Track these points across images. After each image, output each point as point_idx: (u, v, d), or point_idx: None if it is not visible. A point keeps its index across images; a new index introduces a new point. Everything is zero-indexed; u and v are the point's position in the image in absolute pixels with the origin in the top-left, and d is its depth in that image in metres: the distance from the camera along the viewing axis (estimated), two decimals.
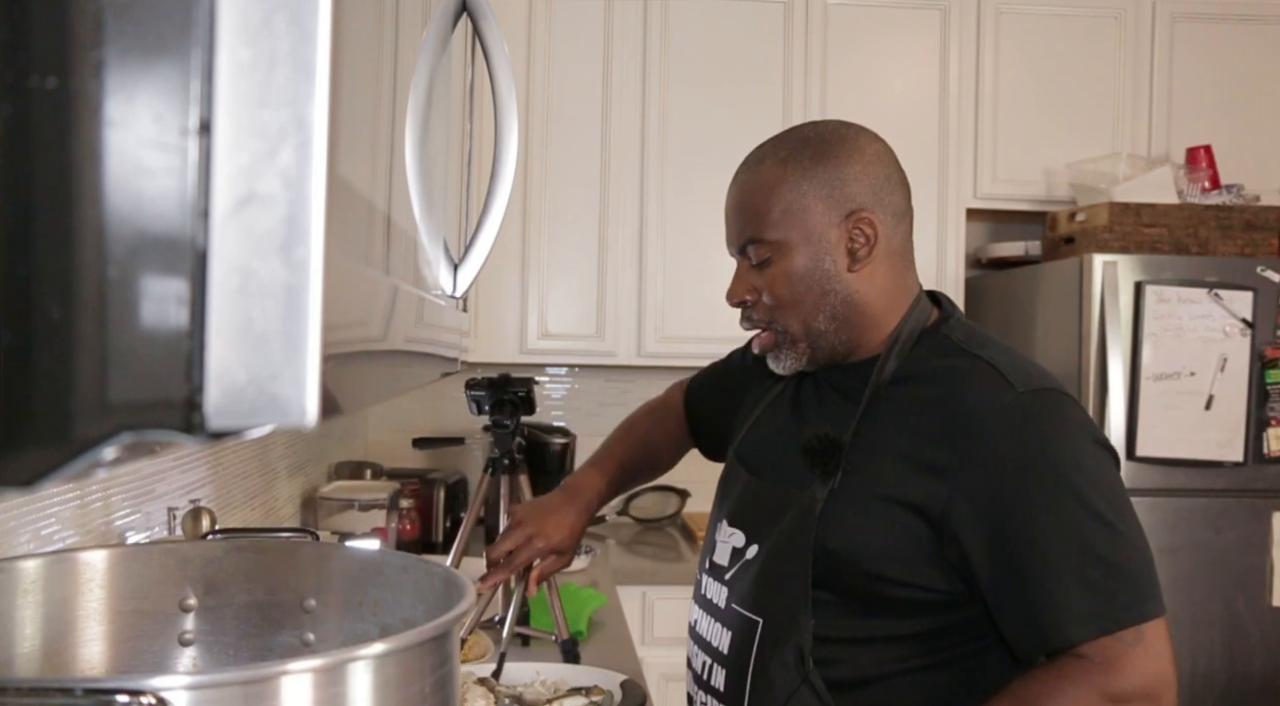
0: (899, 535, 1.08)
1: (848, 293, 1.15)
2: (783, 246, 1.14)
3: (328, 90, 0.29)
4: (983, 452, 1.05)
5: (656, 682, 2.50)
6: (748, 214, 1.17)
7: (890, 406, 1.13)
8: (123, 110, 0.26)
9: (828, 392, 1.22)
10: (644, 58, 2.99)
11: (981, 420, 1.06)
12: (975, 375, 1.10)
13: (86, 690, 0.52)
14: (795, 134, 1.19)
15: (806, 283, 1.15)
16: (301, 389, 0.29)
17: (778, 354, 1.20)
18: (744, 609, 1.17)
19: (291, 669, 0.60)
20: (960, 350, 1.14)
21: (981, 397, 1.07)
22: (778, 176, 1.14)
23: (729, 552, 1.22)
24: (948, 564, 1.08)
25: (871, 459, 1.11)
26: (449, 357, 0.73)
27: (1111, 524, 1.03)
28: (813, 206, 1.13)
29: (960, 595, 1.09)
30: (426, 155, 0.59)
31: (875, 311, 1.16)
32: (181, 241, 0.27)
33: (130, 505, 1.51)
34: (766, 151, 1.18)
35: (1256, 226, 2.74)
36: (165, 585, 0.87)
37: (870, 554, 1.09)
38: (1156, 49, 3.07)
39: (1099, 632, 1.01)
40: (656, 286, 2.98)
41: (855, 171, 1.14)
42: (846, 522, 1.11)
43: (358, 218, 0.39)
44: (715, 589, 1.23)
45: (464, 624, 1.28)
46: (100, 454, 0.26)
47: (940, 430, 1.08)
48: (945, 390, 1.10)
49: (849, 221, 1.13)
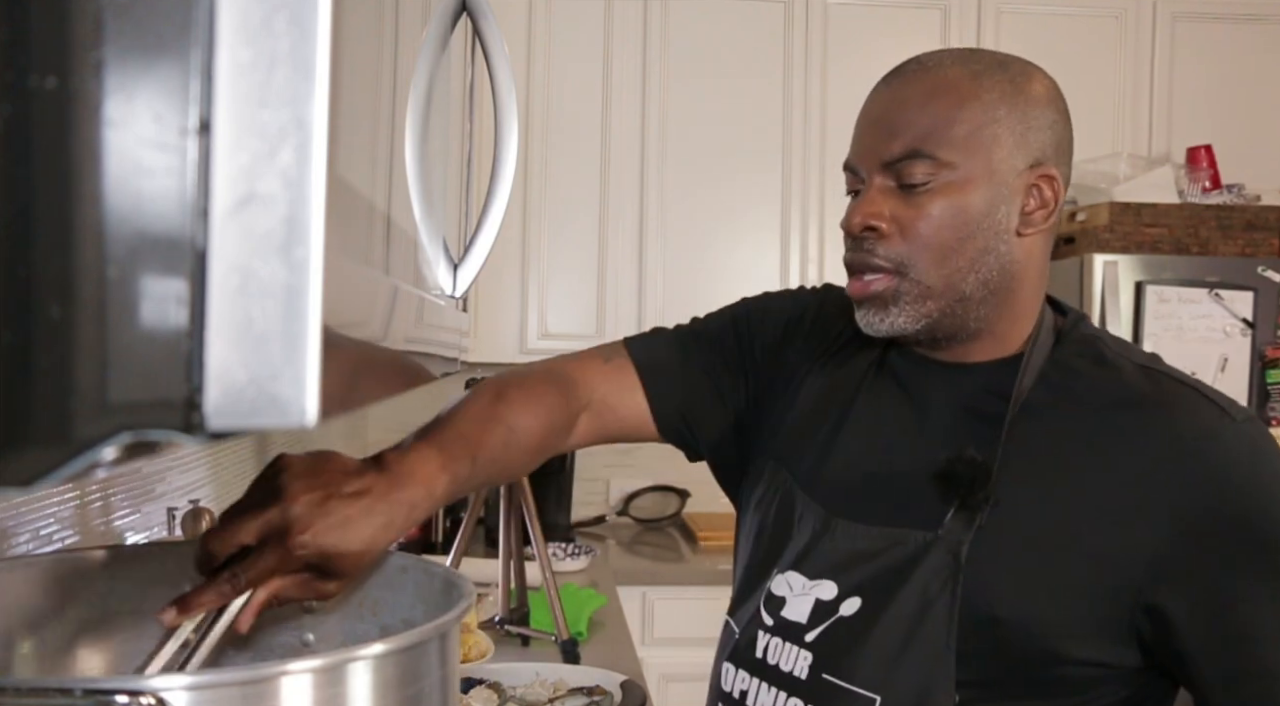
0: (1081, 600, 0.84)
1: (1009, 259, 0.90)
2: (958, 174, 0.88)
3: (328, 90, 0.29)
4: (1209, 499, 0.83)
5: (656, 683, 2.50)
6: (919, 119, 0.89)
7: (1044, 426, 0.89)
8: (122, 110, 0.26)
9: (932, 407, 0.95)
10: (644, 58, 2.99)
11: (1205, 458, 0.83)
12: (1178, 397, 0.87)
13: (86, 690, 0.52)
14: (984, 54, 0.93)
15: (971, 228, 0.89)
16: (301, 389, 0.29)
17: (886, 308, 0.92)
18: (848, 682, 0.88)
19: (291, 669, 0.60)
20: (1128, 361, 0.91)
21: (1200, 429, 0.84)
22: (970, 90, 0.89)
23: (810, 606, 0.93)
24: (1136, 634, 0.85)
25: (1028, 494, 0.87)
26: (449, 358, 0.73)
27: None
28: (1004, 139, 0.89)
29: (1141, 669, 0.87)
30: (426, 155, 0.59)
31: (1025, 293, 0.93)
32: (181, 241, 0.27)
33: (130, 505, 1.51)
34: (946, 59, 0.92)
35: (1257, 226, 2.74)
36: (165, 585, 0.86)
37: (1046, 625, 0.85)
38: (1157, 49, 3.07)
39: None
40: (656, 286, 2.99)
41: (1050, 118, 0.91)
42: (1007, 579, 0.86)
43: (358, 218, 0.39)
44: (786, 653, 0.93)
45: None
46: (100, 454, 0.26)
47: (1142, 463, 0.84)
48: (1137, 412, 0.87)
49: (1033, 173, 0.90)
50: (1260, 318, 2.56)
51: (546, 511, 2.88)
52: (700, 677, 1.16)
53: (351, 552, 0.76)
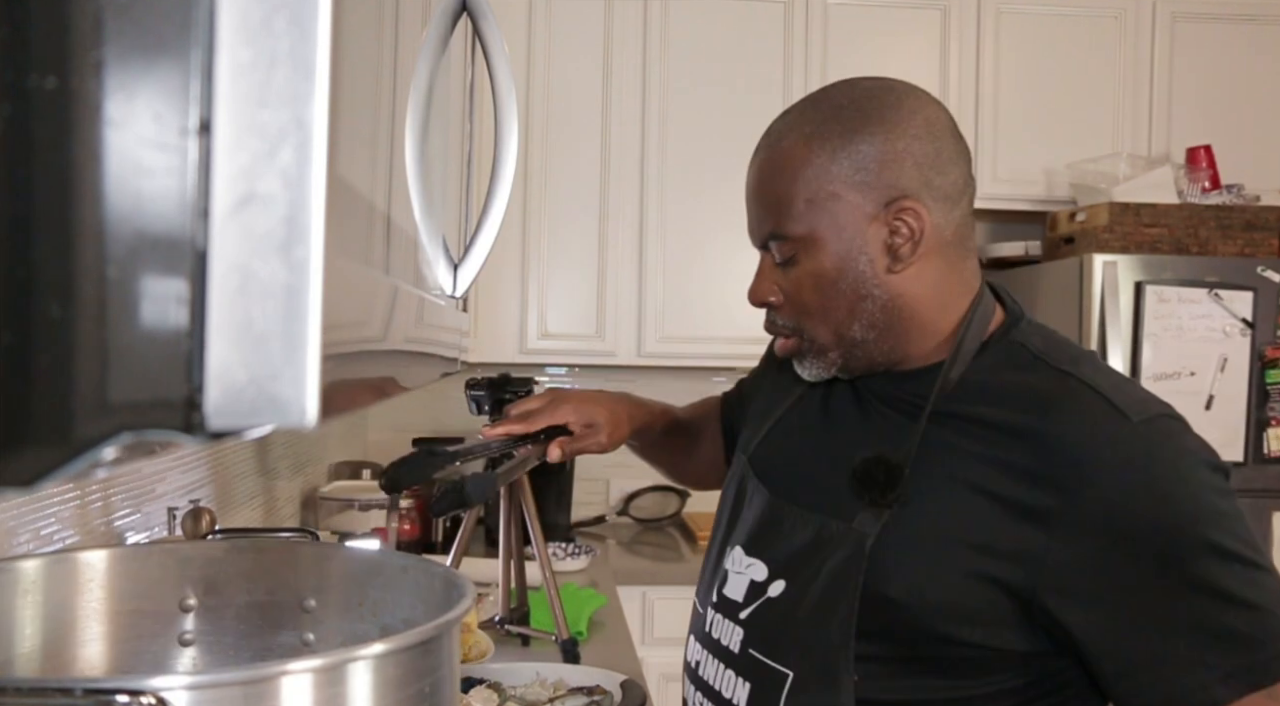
0: (970, 588, 0.90)
1: (888, 297, 0.96)
2: (809, 243, 0.95)
3: (328, 90, 0.29)
4: (1095, 498, 0.86)
5: (656, 682, 2.50)
6: (768, 203, 0.98)
7: (956, 426, 0.94)
8: (122, 110, 0.26)
9: (872, 404, 1.03)
10: (644, 58, 2.99)
11: (1091, 459, 0.87)
12: (1073, 399, 0.90)
13: (86, 690, 0.52)
14: (825, 102, 0.97)
15: (838, 287, 0.96)
16: (301, 389, 0.29)
17: (804, 361, 1.03)
18: (767, 657, 0.97)
19: (291, 669, 0.60)
20: (1045, 364, 0.95)
21: (1088, 430, 0.88)
22: (802, 157, 0.94)
23: (745, 586, 1.02)
24: (1033, 623, 0.89)
25: (936, 490, 0.93)
26: (449, 358, 0.73)
27: (1252, 562, 0.86)
28: (844, 195, 0.94)
29: (1042, 651, 0.91)
30: (426, 155, 0.59)
31: (926, 314, 0.97)
32: (181, 241, 0.27)
33: (130, 505, 1.51)
34: (791, 122, 0.98)
35: (1257, 226, 2.74)
36: (165, 585, 0.87)
37: (937, 608, 0.90)
38: (1157, 49, 3.07)
39: (1248, 688, 0.83)
40: (656, 286, 2.98)
41: (897, 149, 0.93)
42: (907, 567, 0.92)
43: (358, 218, 0.39)
44: (726, 628, 1.03)
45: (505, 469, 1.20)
46: (100, 454, 0.26)
47: (1034, 465, 0.88)
48: (1034, 414, 0.90)
49: (889, 212, 0.94)
50: (1260, 318, 2.56)
51: (546, 511, 2.88)
52: None
53: (599, 418, 1.27)
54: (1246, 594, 0.85)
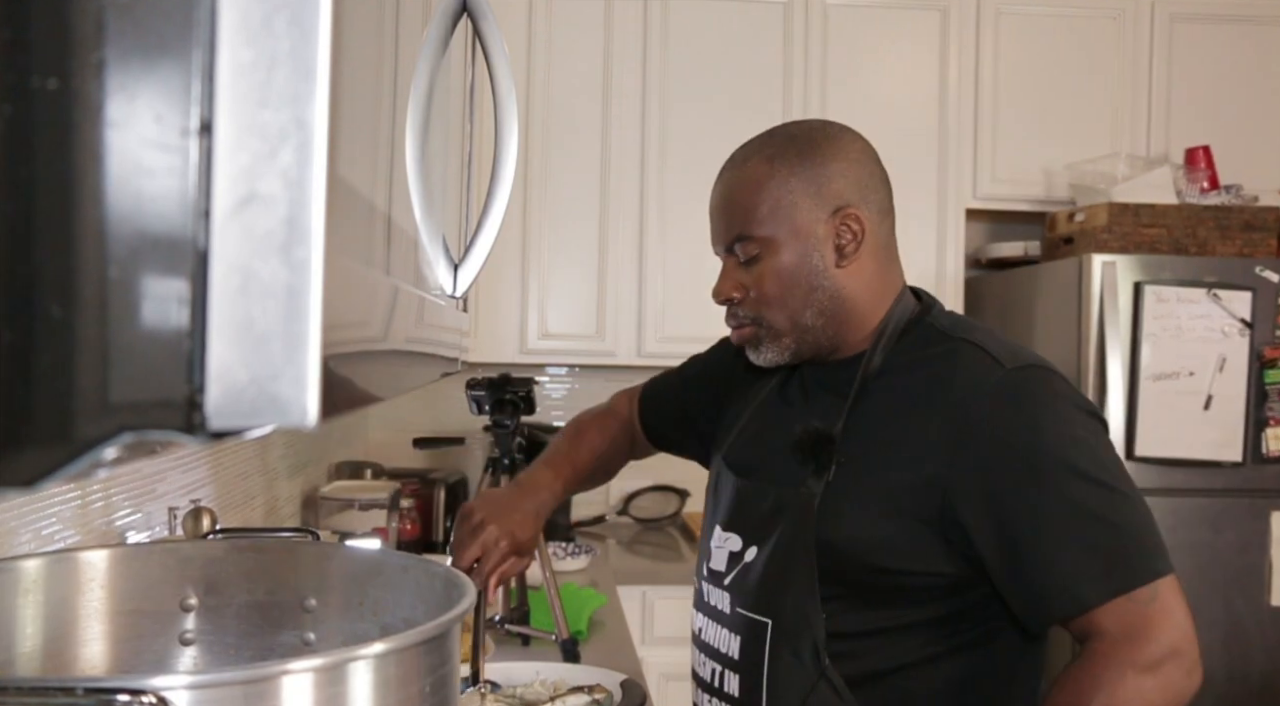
0: (899, 524, 1.08)
1: (835, 288, 1.16)
2: (770, 243, 1.15)
3: (328, 91, 0.29)
4: (975, 432, 1.06)
5: (656, 682, 2.50)
6: (735, 211, 1.18)
7: (879, 398, 1.14)
8: (124, 111, 0.26)
9: (815, 391, 1.22)
10: (644, 58, 2.99)
11: (971, 399, 1.07)
12: (961, 357, 1.11)
13: (87, 689, 0.52)
14: (780, 133, 1.19)
15: (795, 278, 1.15)
16: (302, 389, 0.29)
17: (758, 347, 1.20)
18: (750, 612, 1.16)
19: (292, 668, 0.60)
20: (945, 336, 1.15)
21: (969, 378, 1.08)
22: (765, 173, 1.15)
23: (726, 557, 1.21)
24: (951, 547, 1.08)
25: (864, 450, 1.12)
26: (449, 358, 0.73)
27: (1110, 486, 1.04)
28: (800, 203, 1.14)
29: (967, 578, 1.09)
30: (426, 155, 0.59)
31: (861, 307, 1.17)
32: (182, 241, 0.27)
33: (131, 505, 1.51)
34: (752, 150, 1.19)
35: (1255, 227, 2.74)
36: (166, 585, 0.87)
37: (872, 545, 1.09)
38: (1155, 49, 3.07)
39: (1112, 593, 1.01)
40: (656, 286, 2.98)
41: (840, 168, 1.15)
42: (846, 516, 1.11)
43: (358, 218, 0.40)
44: (718, 595, 1.22)
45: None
46: (101, 454, 0.26)
47: (930, 414, 1.09)
48: (933, 375, 1.11)
49: (836, 218, 1.15)
50: (1258, 318, 2.56)
51: None
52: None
53: (528, 537, 1.34)
54: (1107, 512, 1.03)
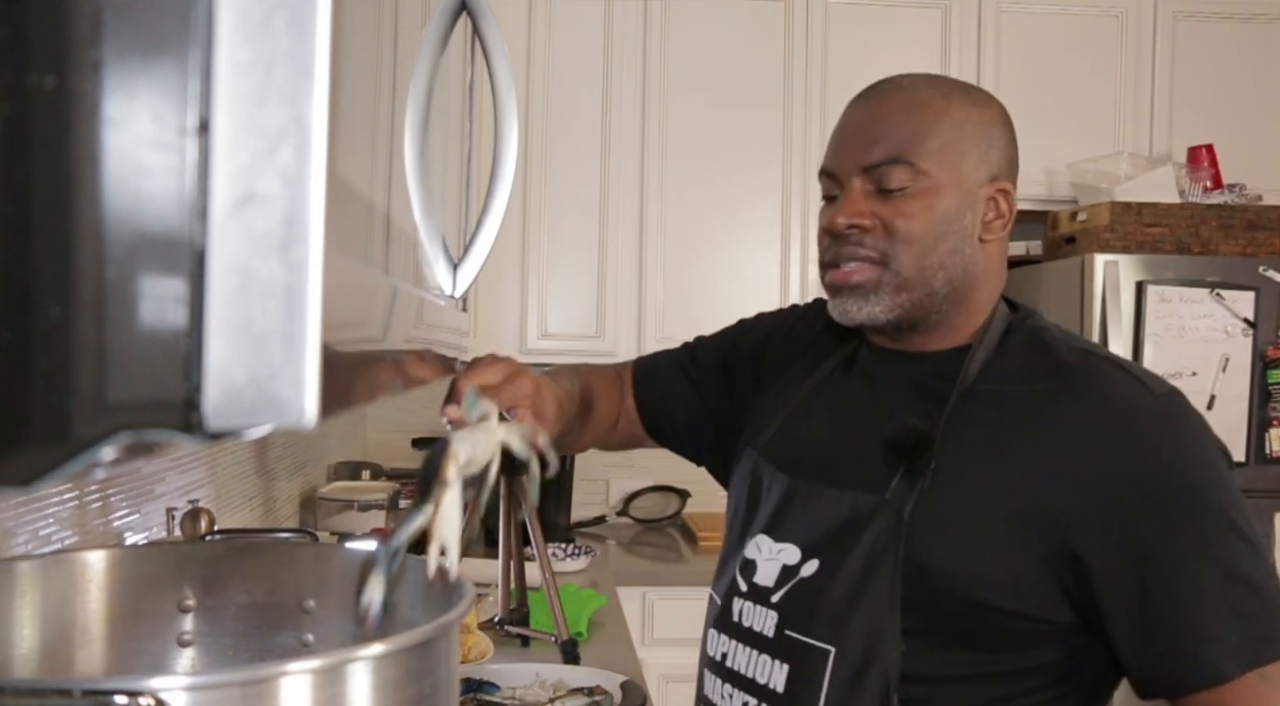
0: (1006, 555, 0.92)
1: (972, 261, 1.00)
2: (930, 180, 0.98)
3: (327, 90, 0.29)
4: (1122, 459, 0.91)
5: (656, 683, 2.50)
6: (897, 132, 0.99)
7: (983, 402, 0.98)
8: (121, 109, 0.26)
9: (889, 388, 1.05)
10: (644, 58, 2.99)
11: (1119, 421, 0.92)
12: (1098, 373, 0.96)
13: (85, 691, 0.52)
14: (945, 79, 1.05)
15: (943, 229, 0.98)
16: (300, 389, 0.29)
17: (868, 296, 1.00)
18: (807, 636, 0.98)
19: (290, 669, 0.60)
20: (1064, 345, 1.00)
21: (1115, 397, 0.94)
22: (943, 107, 0.99)
23: (777, 571, 1.03)
24: (1063, 590, 0.92)
25: (966, 463, 0.96)
26: (449, 358, 0.73)
27: (1254, 543, 0.90)
28: (970, 153, 0.99)
29: (1070, 628, 0.94)
30: (426, 155, 0.59)
31: (980, 296, 1.03)
32: (180, 241, 0.27)
33: (129, 506, 1.51)
34: (923, 81, 1.03)
35: (1259, 226, 2.74)
36: (164, 586, 0.86)
37: (975, 577, 0.93)
38: (1158, 48, 3.07)
39: (1248, 666, 0.87)
40: (656, 286, 2.98)
41: (1004, 138, 1.02)
42: (942, 537, 0.94)
43: (357, 217, 0.39)
44: (758, 614, 1.03)
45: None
46: (99, 454, 0.26)
47: (1061, 428, 0.93)
48: (1063, 386, 0.96)
49: (991, 186, 1.01)
50: (1261, 317, 2.56)
51: (546, 511, 2.88)
52: None
53: (545, 404, 1.05)
54: (1253, 572, 0.89)
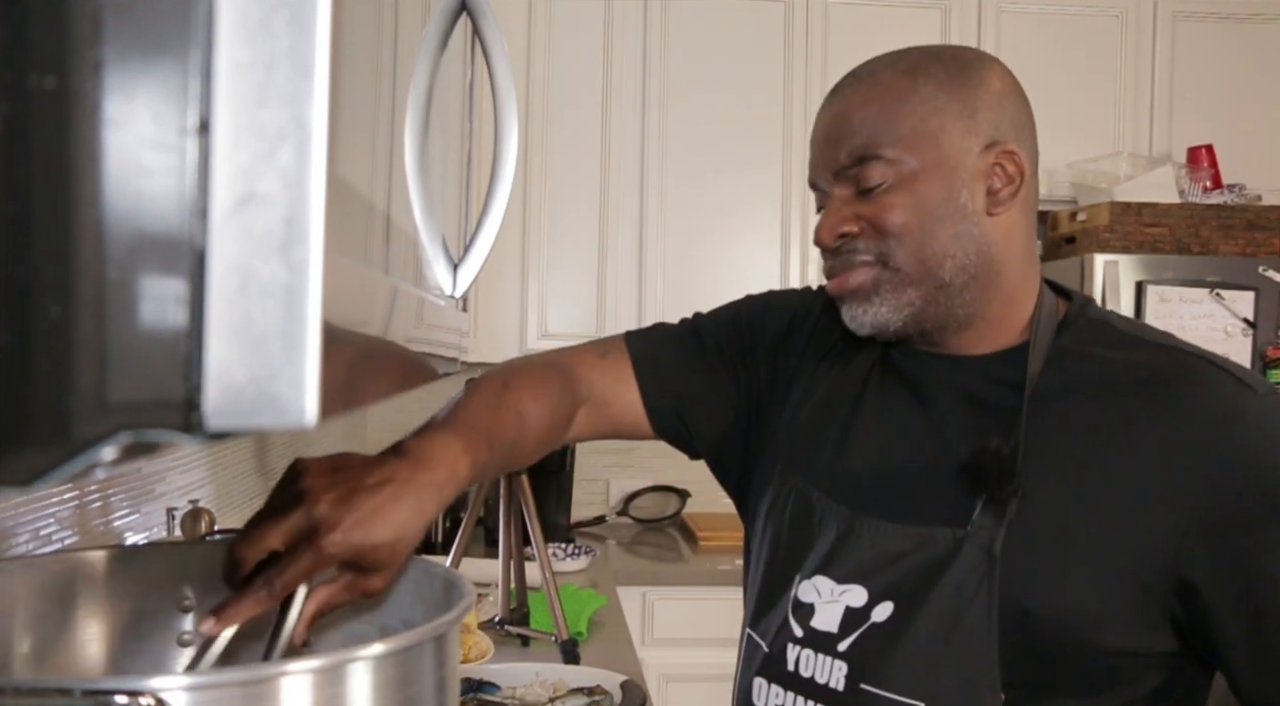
0: (1112, 588, 0.82)
1: (985, 240, 0.90)
2: (907, 169, 0.89)
3: (327, 90, 0.29)
4: (1233, 470, 0.81)
5: (656, 683, 2.50)
6: (861, 127, 0.90)
7: (1061, 415, 0.87)
8: (122, 110, 0.26)
9: (941, 399, 0.94)
10: (644, 58, 2.99)
11: (1228, 428, 0.81)
12: (1195, 373, 0.85)
13: (85, 690, 0.52)
14: (915, 51, 0.93)
15: (936, 215, 0.89)
16: (301, 389, 0.29)
17: (870, 299, 0.92)
18: (887, 691, 0.86)
19: (291, 669, 0.60)
20: (1141, 341, 0.89)
21: (1221, 401, 0.83)
22: (907, 87, 0.90)
23: (840, 614, 0.90)
24: (1170, 618, 0.83)
25: (1055, 485, 0.85)
26: (449, 357, 0.73)
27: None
28: (949, 127, 0.89)
29: (1175, 655, 0.85)
30: (426, 155, 0.59)
31: (1010, 277, 0.91)
32: (180, 241, 0.27)
33: (129, 505, 1.51)
34: (885, 63, 0.93)
35: (1258, 226, 2.74)
36: (164, 585, 0.86)
37: (1084, 617, 0.83)
38: (1158, 48, 3.07)
39: None
40: (657, 286, 2.98)
41: (996, 96, 0.91)
42: (1043, 574, 0.84)
43: (357, 217, 0.39)
44: (820, 664, 0.90)
45: None
46: (99, 454, 0.26)
47: (1163, 439, 0.83)
48: (1158, 390, 0.85)
49: (991, 153, 0.90)
50: (1261, 317, 2.56)
51: (546, 511, 2.88)
52: (701, 677, 1.19)
53: (385, 542, 0.73)
54: None
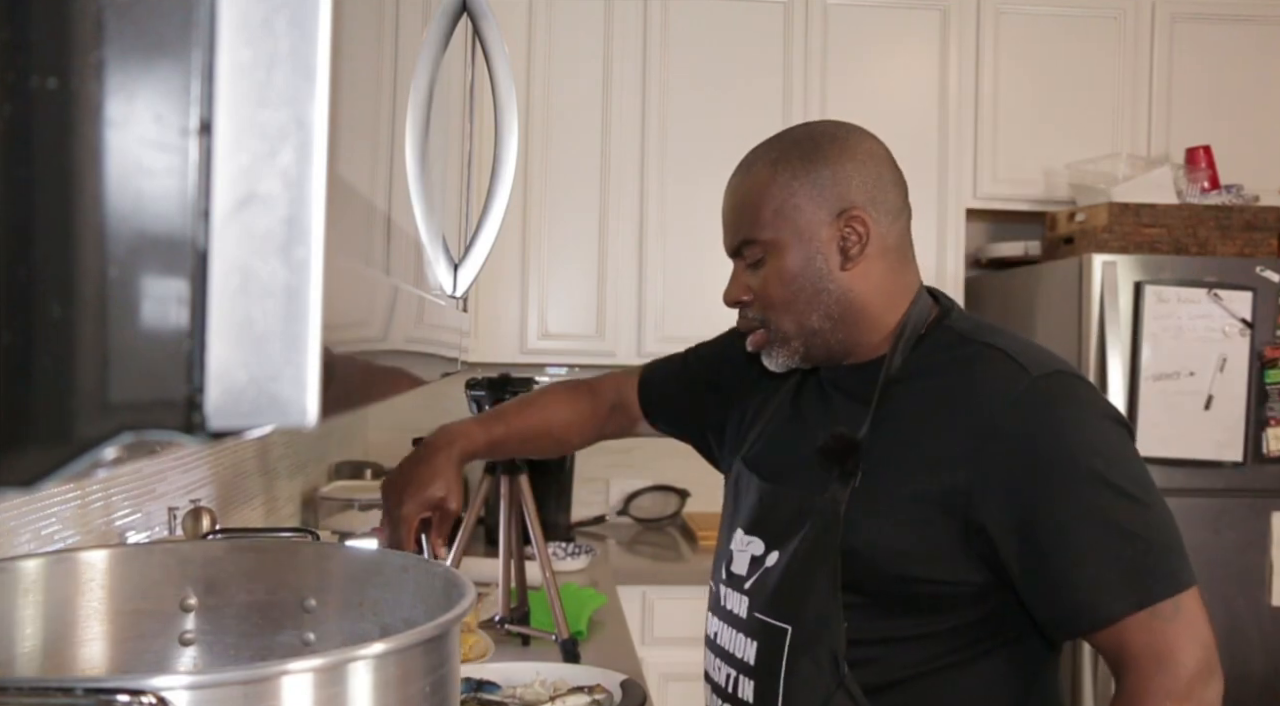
0: (924, 532, 1.08)
1: (842, 291, 1.15)
2: (775, 246, 1.15)
3: (328, 90, 0.29)
4: (1000, 440, 1.05)
5: (656, 682, 2.50)
6: (741, 215, 1.17)
7: (901, 404, 1.13)
8: (123, 110, 0.26)
9: (833, 395, 1.21)
10: (644, 58, 2.99)
11: (997, 407, 1.06)
12: (986, 362, 1.10)
13: (87, 689, 0.52)
14: (787, 136, 1.19)
15: (799, 282, 1.15)
16: (301, 389, 0.29)
17: (770, 351, 1.20)
18: (769, 617, 1.15)
19: (292, 668, 0.60)
20: (968, 340, 1.14)
21: (995, 385, 1.07)
22: (769, 177, 1.15)
23: (747, 561, 1.20)
24: (975, 556, 1.07)
25: (889, 457, 1.11)
26: (449, 357, 0.73)
27: (1136, 498, 1.03)
28: (803, 206, 1.14)
29: (990, 586, 1.08)
30: (426, 155, 0.59)
31: (873, 310, 1.16)
32: (182, 241, 0.27)
33: (131, 505, 1.51)
34: (759, 154, 1.19)
35: (1256, 226, 2.74)
36: (166, 585, 0.87)
37: (897, 553, 1.09)
38: (1156, 49, 3.07)
39: (1135, 606, 1.00)
40: (656, 286, 2.99)
41: (847, 170, 1.14)
42: (870, 523, 1.10)
43: (358, 218, 0.40)
44: (735, 599, 1.20)
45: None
46: (101, 454, 0.26)
47: (955, 421, 1.08)
48: (957, 380, 1.10)
49: (840, 220, 1.13)
50: (1259, 318, 2.56)
51: (546, 511, 2.88)
52: (701, 677, 1.26)
53: (434, 494, 1.31)
54: (1132, 524, 1.02)
